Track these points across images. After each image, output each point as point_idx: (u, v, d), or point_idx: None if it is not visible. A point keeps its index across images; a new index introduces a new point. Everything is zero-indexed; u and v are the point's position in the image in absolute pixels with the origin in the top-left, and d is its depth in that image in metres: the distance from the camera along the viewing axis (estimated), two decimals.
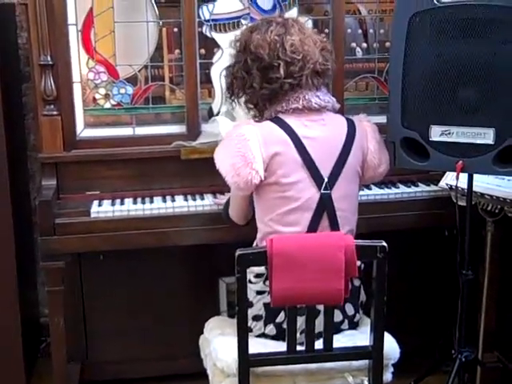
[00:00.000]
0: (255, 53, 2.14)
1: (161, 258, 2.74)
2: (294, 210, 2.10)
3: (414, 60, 2.17)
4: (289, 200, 2.10)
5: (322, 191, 2.11)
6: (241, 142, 2.08)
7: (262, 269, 2.10)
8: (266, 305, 2.13)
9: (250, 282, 2.15)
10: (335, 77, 2.66)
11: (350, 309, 2.17)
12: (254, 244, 2.24)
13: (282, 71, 2.10)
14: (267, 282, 2.09)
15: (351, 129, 2.18)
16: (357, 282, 2.20)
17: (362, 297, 2.24)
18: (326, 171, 2.11)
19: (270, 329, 2.15)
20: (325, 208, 2.11)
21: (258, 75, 2.14)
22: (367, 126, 2.25)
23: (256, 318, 2.16)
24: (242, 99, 2.25)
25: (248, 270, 2.12)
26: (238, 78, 2.20)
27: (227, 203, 2.38)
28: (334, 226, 2.12)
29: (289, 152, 2.09)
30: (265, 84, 2.14)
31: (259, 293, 2.14)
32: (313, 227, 2.11)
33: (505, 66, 2.07)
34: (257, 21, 2.33)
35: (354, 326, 2.22)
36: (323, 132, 2.14)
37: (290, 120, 2.13)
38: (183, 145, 2.60)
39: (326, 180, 2.11)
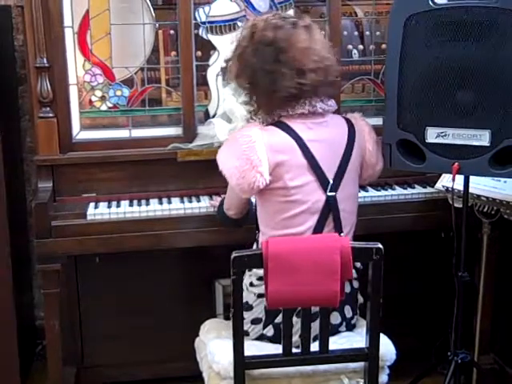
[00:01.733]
0: (287, 57, 2.04)
1: (157, 260, 2.74)
2: (301, 214, 2.09)
3: (410, 62, 2.17)
4: (296, 204, 2.09)
5: (328, 193, 2.10)
6: (247, 144, 2.05)
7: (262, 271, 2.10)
8: (266, 307, 2.10)
9: (252, 284, 2.16)
10: None
11: (348, 311, 2.17)
12: (254, 247, 2.24)
13: (308, 77, 2.05)
14: None
15: (351, 129, 2.18)
16: (356, 284, 2.20)
17: (360, 298, 2.24)
18: (330, 173, 2.11)
19: (268, 329, 2.14)
20: (330, 210, 2.11)
21: (287, 76, 2.04)
22: (364, 125, 2.25)
23: (255, 321, 2.15)
24: (254, 98, 2.14)
25: (250, 273, 2.14)
26: (262, 76, 2.07)
27: (221, 204, 2.37)
28: (338, 227, 2.12)
29: (295, 157, 2.08)
30: (286, 88, 2.05)
31: (260, 296, 2.12)
32: (318, 229, 2.11)
33: (501, 69, 2.06)
34: (273, 16, 2.15)
35: (350, 327, 2.21)
36: (327, 134, 2.13)
37: (295, 124, 2.11)
38: (179, 147, 2.60)
39: (331, 182, 2.11)
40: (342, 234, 2.11)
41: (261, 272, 2.05)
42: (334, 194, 2.11)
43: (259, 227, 2.21)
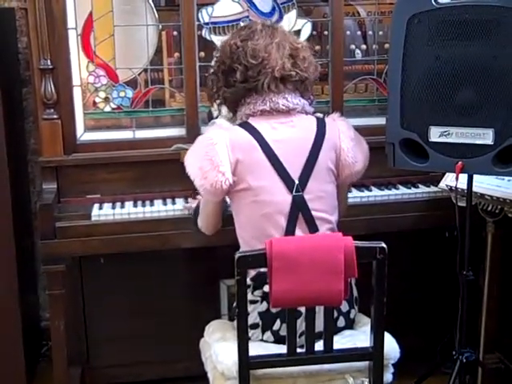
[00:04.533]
0: (220, 57, 2.21)
1: (161, 260, 2.74)
2: (269, 215, 2.11)
3: (413, 61, 2.17)
4: (262, 204, 2.11)
5: (294, 193, 2.12)
6: (208, 146, 2.11)
7: (247, 280, 2.09)
8: (260, 313, 2.13)
9: None
10: (334, 79, 2.69)
11: (344, 305, 2.16)
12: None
13: (238, 75, 2.14)
14: (256, 292, 2.13)
15: (321, 129, 2.18)
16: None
17: (355, 292, 2.23)
18: (295, 173, 2.13)
19: (268, 336, 2.14)
20: (299, 210, 2.12)
21: (222, 78, 2.20)
22: (340, 124, 2.24)
23: (253, 326, 2.15)
24: (217, 101, 2.29)
25: None
26: (211, 81, 2.27)
27: (196, 210, 2.38)
28: (312, 227, 2.13)
29: (255, 155, 2.11)
30: (225, 88, 2.19)
31: (252, 302, 2.12)
32: (290, 230, 2.12)
33: (505, 68, 2.06)
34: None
35: (350, 323, 2.21)
36: (292, 134, 2.15)
37: (259, 123, 2.14)
38: (183, 147, 2.60)
39: (296, 182, 2.12)
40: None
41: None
42: (300, 193, 2.12)
43: (236, 232, 2.22)
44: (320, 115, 2.31)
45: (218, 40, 2.64)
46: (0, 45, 2.64)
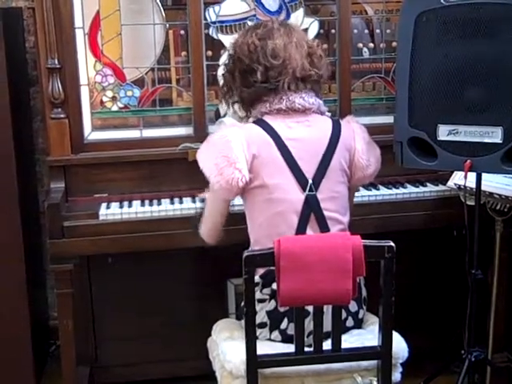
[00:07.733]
0: (237, 55, 2.18)
1: (169, 259, 2.74)
2: (281, 213, 2.11)
3: (421, 59, 2.17)
4: (275, 202, 2.11)
5: (307, 193, 2.11)
6: (224, 144, 2.10)
7: (256, 277, 2.08)
8: (268, 312, 2.13)
9: None
10: (342, 77, 2.69)
11: (353, 305, 2.15)
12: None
13: (259, 75, 2.13)
14: (264, 291, 2.12)
15: (336, 129, 2.18)
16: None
17: (364, 292, 2.23)
18: (310, 173, 2.12)
19: (276, 335, 2.14)
20: (311, 209, 2.11)
21: (239, 78, 2.19)
22: (355, 126, 2.25)
23: (261, 325, 2.14)
24: (231, 100, 2.29)
25: None
26: (224, 80, 2.27)
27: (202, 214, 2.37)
28: (323, 227, 2.12)
29: (270, 152, 2.10)
30: (243, 88, 2.18)
31: (260, 301, 2.12)
32: (301, 229, 2.11)
33: None
34: (252, 23, 2.40)
35: (358, 322, 2.20)
36: (307, 133, 2.14)
37: (275, 122, 2.14)
38: (190, 146, 2.60)
39: (310, 181, 2.11)
40: None
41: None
42: (313, 193, 2.11)
43: (248, 231, 2.22)
44: (328, 114, 2.31)
45: (225, 39, 2.64)
46: (8, 44, 2.64)
